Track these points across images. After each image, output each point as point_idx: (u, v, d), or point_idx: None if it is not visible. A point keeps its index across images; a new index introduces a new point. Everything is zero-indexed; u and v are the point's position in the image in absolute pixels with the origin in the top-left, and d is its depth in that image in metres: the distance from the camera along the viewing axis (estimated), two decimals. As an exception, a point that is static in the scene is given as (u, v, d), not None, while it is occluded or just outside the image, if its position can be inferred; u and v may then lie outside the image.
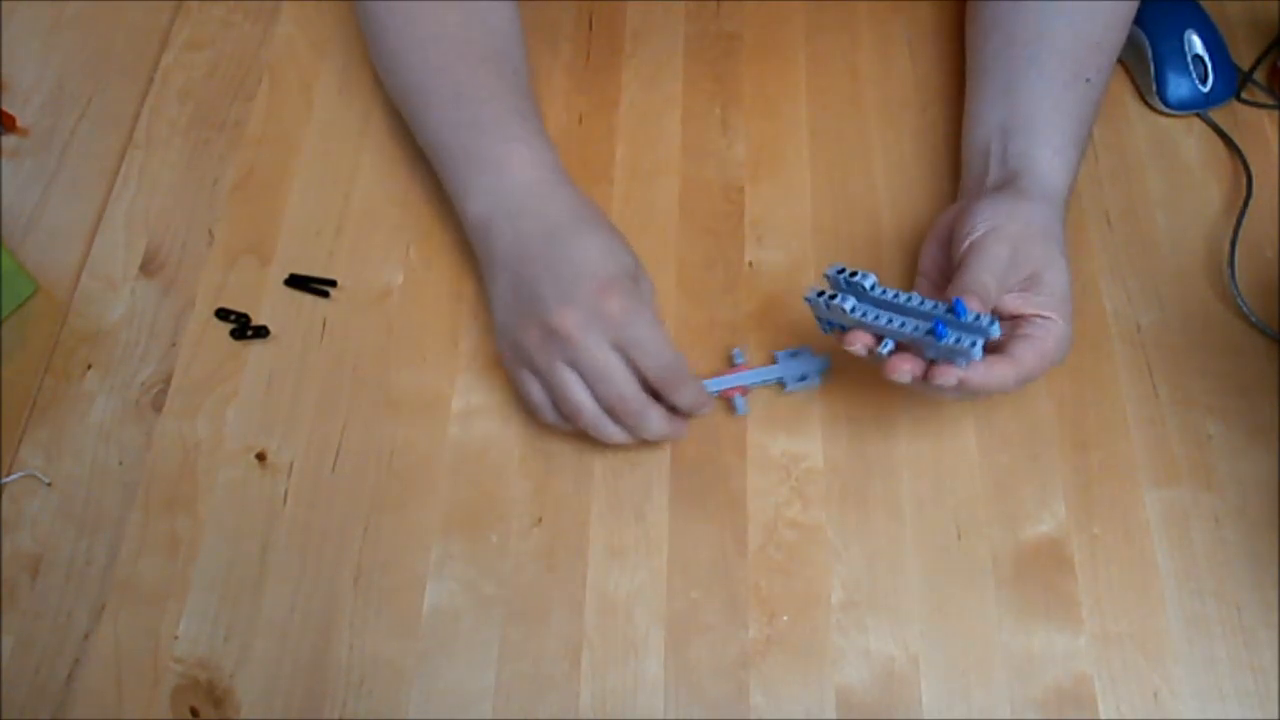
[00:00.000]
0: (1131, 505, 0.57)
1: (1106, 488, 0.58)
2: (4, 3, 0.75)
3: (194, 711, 0.52)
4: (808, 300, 0.54)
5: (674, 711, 0.52)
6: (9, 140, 0.70)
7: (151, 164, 0.69)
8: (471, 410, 0.60)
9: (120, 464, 0.59)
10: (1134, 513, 0.57)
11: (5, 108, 0.70)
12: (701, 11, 0.75)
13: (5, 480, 0.58)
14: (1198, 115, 0.70)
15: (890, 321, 0.52)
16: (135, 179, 0.68)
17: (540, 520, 0.57)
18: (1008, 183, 0.58)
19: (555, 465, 0.59)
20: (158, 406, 0.60)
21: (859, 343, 0.52)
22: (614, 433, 0.55)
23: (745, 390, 0.60)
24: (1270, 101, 0.71)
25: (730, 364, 0.61)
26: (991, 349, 0.52)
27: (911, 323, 0.51)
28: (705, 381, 0.59)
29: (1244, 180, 0.67)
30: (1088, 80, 0.61)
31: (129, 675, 0.53)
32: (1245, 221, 0.65)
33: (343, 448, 0.59)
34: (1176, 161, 0.69)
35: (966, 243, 0.55)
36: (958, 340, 0.50)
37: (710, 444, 0.59)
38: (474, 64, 0.61)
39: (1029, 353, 0.52)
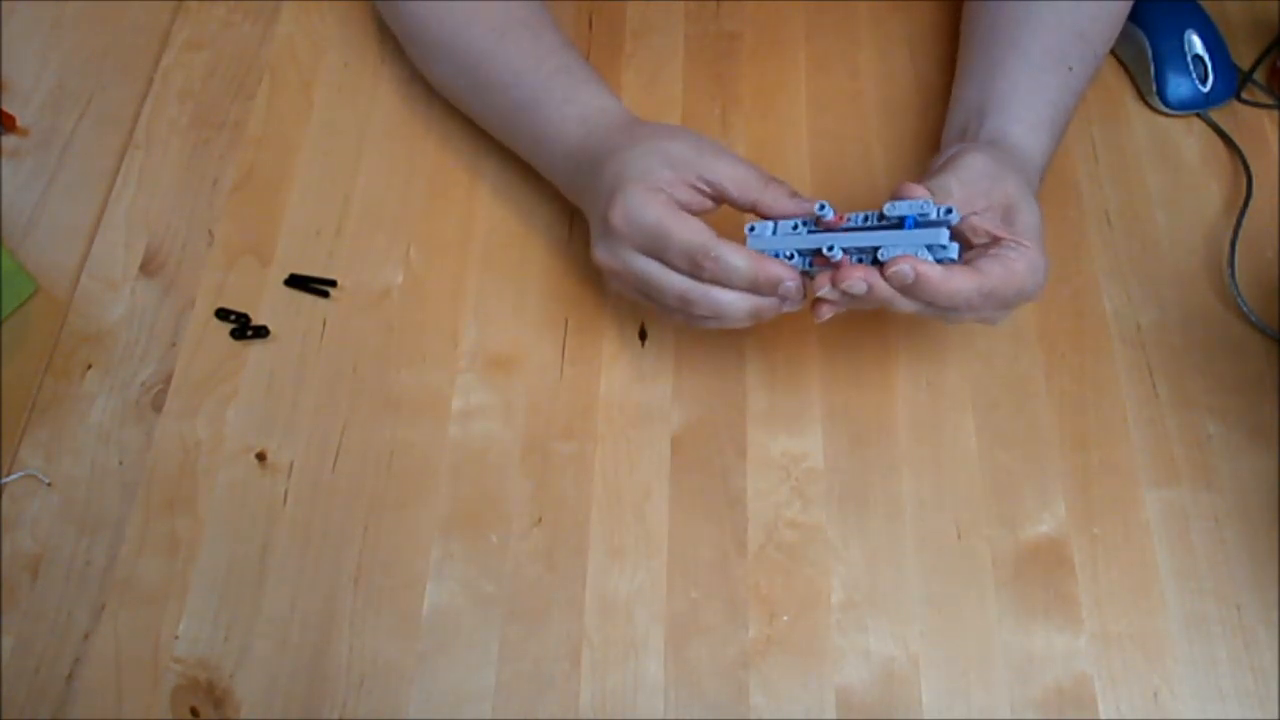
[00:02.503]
0: (1131, 505, 0.57)
1: (1106, 488, 0.58)
2: (4, 3, 0.75)
3: (194, 711, 0.52)
4: (750, 231, 0.53)
5: (674, 711, 0.52)
6: (9, 140, 0.70)
7: (151, 164, 0.69)
8: (471, 410, 0.60)
9: (120, 464, 0.59)
10: (1134, 513, 0.57)
11: (5, 108, 0.70)
12: (701, 11, 0.75)
13: (5, 480, 0.58)
14: (1198, 115, 0.70)
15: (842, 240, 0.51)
16: (135, 179, 0.68)
17: (540, 520, 0.57)
18: None
19: (555, 465, 0.58)
20: (158, 406, 0.60)
21: (827, 283, 0.50)
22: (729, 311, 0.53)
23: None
24: (1270, 101, 0.71)
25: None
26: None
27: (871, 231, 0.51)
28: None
29: (1244, 180, 0.67)
30: (1070, 69, 0.61)
31: (129, 675, 0.53)
32: (1245, 221, 0.65)
33: (343, 448, 0.59)
34: (1176, 161, 0.69)
35: (936, 167, 0.55)
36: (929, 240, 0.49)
37: (710, 444, 0.59)
38: (519, 34, 0.62)
39: (995, 267, 0.50)
